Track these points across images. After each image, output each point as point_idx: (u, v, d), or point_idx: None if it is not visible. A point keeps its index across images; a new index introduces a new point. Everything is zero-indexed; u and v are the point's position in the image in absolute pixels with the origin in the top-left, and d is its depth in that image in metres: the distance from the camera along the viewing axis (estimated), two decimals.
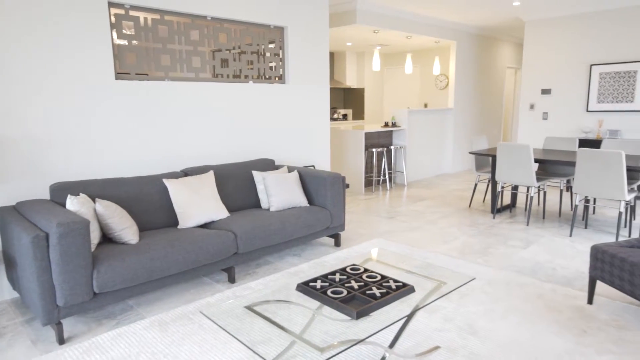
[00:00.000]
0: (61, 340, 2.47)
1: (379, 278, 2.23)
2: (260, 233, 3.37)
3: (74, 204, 2.72)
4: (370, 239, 4.34)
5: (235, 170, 3.97)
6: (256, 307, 2.08)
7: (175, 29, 3.79)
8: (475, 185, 5.71)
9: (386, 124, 7.05)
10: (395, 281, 2.19)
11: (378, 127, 6.95)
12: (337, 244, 4.11)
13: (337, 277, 2.26)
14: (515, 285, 3.19)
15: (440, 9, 6.66)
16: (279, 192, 3.81)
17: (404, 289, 2.10)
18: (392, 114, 7.29)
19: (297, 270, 3.54)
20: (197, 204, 3.39)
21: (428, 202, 5.91)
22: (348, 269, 2.37)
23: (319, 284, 2.18)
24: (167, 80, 3.80)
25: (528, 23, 7.12)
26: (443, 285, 2.26)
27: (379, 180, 7.18)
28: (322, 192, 3.94)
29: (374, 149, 6.68)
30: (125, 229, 2.86)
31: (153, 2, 3.58)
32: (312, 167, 5.06)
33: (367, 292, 2.07)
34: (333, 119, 9.44)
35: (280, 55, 4.69)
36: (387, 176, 6.89)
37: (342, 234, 4.49)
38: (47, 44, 3.09)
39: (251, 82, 4.43)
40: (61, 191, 2.96)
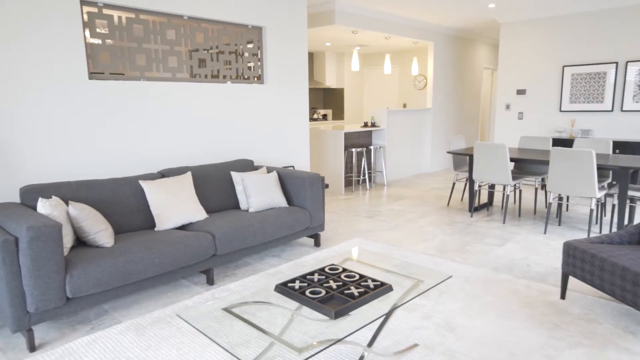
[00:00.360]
0: (32, 348, 2.40)
1: (357, 277, 2.24)
2: (239, 234, 3.35)
3: (46, 207, 2.65)
4: (350, 238, 4.36)
5: (214, 171, 3.93)
6: (235, 309, 2.06)
7: (150, 28, 3.73)
8: (453, 184, 5.79)
9: (366, 124, 7.09)
10: (373, 280, 2.21)
11: (358, 127, 6.99)
12: (317, 244, 4.11)
13: (316, 277, 2.26)
14: (491, 282, 3.24)
15: (417, 10, 6.74)
16: (258, 193, 3.79)
17: (382, 288, 2.12)
18: (371, 114, 7.33)
19: (276, 271, 3.53)
20: (175, 206, 3.34)
21: (407, 201, 5.97)
22: (327, 269, 2.37)
23: (297, 285, 2.18)
24: (142, 80, 3.73)
25: (503, 25, 7.26)
26: (421, 283, 2.28)
27: (358, 180, 7.22)
28: (301, 193, 3.93)
29: (353, 149, 6.71)
30: (100, 232, 2.80)
31: (128, 1, 3.51)
32: (291, 168, 5.05)
33: (346, 291, 2.08)
34: (313, 119, 9.45)
35: (258, 56, 4.66)
36: (366, 176, 6.93)
37: (322, 234, 4.50)
38: (15, 42, 3.00)
39: (229, 82, 4.40)
40: (32, 194, 2.88)
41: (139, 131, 3.72)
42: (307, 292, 2.09)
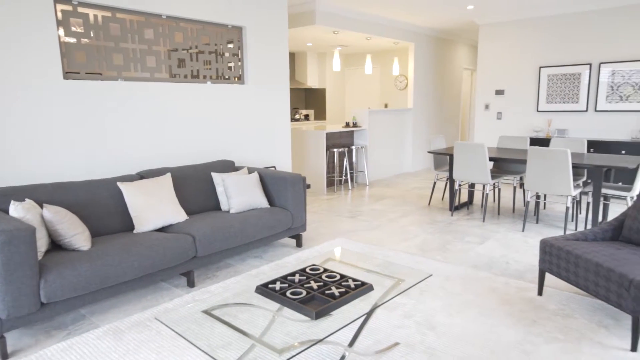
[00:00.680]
0: (4, 355, 2.33)
1: (338, 278, 2.24)
2: (219, 236, 3.32)
3: (18, 210, 2.58)
4: (332, 238, 4.37)
5: (194, 172, 3.89)
6: (215, 311, 2.04)
7: (128, 27, 3.67)
8: (434, 183, 5.85)
9: (347, 124, 7.11)
10: (354, 280, 2.21)
11: (339, 127, 7.00)
12: (299, 244, 4.10)
13: (297, 277, 2.26)
14: (471, 280, 3.29)
15: (398, 11, 6.79)
16: (239, 194, 3.76)
17: (363, 288, 2.12)
18: (353, 114, 7.36)
19: (258, 272, 3.51)
20: (154, 208, 3.29)
21: (389, 201, 6.01)
22: (308, 270, 2.37)
23: (278, 286, 2.17)
24: (120, 80, 3.67)
25: (482, 26, 7.38)
26: (402, 282, 2.30)
27: (340, 180, 7.24)
28: (283, 193, 3.92)
29: (335, 149, 6.73)
30: (76, 235, 2.74)
31: None
32: (273, 168, 5.03)
33: (327, 292, 2.08)
34: (295, 120, 9.43)
35: (239, 56, 4.63)
36: (348, 176, 6.95)
37: (304, 234, 4.49)
38: None
39: (209, 82, 4.35)
40: (4, 197, 2.79)
41: (117, 132, 3.65)
42: (288, 293, 2.08)
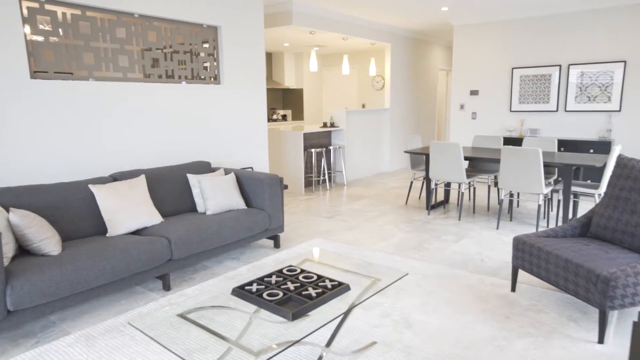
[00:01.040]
0: None
1: (315, 278, 2.24)
2: (196, 238, 3.27)
3: None
4: (310, 239, 4.36)
5: (169, 173, 3.83)
6: (191, 314, 2.01)
7: (98, 25, 3.58)
8: (411, 183, 5.92)
9: (325, 125, 7.12)
10: (331, 280, 2.21)
11: (317, 128, 7.00)
12: (277, 245, 4.08)
13: (274, 279, 2.25)
14: (447, 277, 3.34)
15: (374, 12, 6.83)
16: (215, 195, 3.72)
17: (340, 288, 2.13)
18: (330, 114, 7.37)
19: (235, 274, 3.47)
20: (128, 210, 3.23)
21: (367, 201, 6.05)
22: (284, 271, 2.36)
23: (254, 287, 2.15)
24: (91, 79, 3.58)
25: (456, 28, 7.50)
26: (378, 282, 2.31)
27: (318, 180, 7.24)
28: (260, 194, 3.90)
29: (313, 150, 6.73)
30: (46, 240, 2.66)
31: None
32: (250, 169, 4.99)
33: (303, 292, 2.08)
34: (272, 120, 9.39)
35: (214, 56, 4.58)
36: (326, 176, 6.96)
37: (282, 235, 4.48)
38: None
39: (184, 82, 4.29)
40: None
41: (89, 133, 3.56)
42: (265, 295, 2.07)
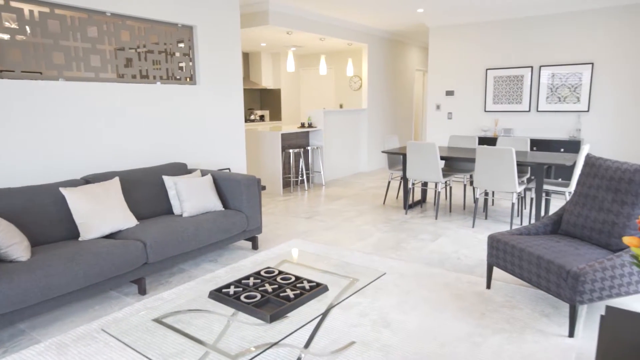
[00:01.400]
0: None
1: (293, 279, 2.24)
2: (172, 240, 3.22)
3: None
4: (288, 240, 4.35)
5: (144, 175, 3.76)
6: (168, 319, 1.98)
7: (68, 24, 3.48)
8: (389, 182, 5.97)
9: (303, 125, 7.11)
10: (309, 281, 2.21)
11: (295, 128, 6.99)
12: (255, 246, 4.06)
13: (251, 281, 2.23)
14: (424, 276, 3.38)
15: (350, 12, 6.87)
16: (191, 197, 3.67)
17: (318, 289, 2.13)
18: (308, 114, 7.37)
19: (213, 276, 3.44)
20: (101, 214, 3.15)
21: (345, 201, 6.07)
22: (262, 272, 2.34)
23: (232, 290, 2.13)
24: (62, 79, 3.48)
25: (432, 29, 7.61)
26: (356, 282, 2.32)
27: (297, 181, 7.23)
28: (237, 195, 3.86)
29: (291, 150, 6.71)
30: (13, 246, 2.57)
31: None
32: (227, 170, 4.95)
33: (281, 294, 2.07)
34: (250, 120, 9.33)
35: (190, 55, 4.52)
36: (304, 176, 6.96)
37: (260, 237, 4.45)
38: None
39: (159, 82, 4.22)
40: None
41: (60, 134, 3.46)
42: (242, 297, 2.05)
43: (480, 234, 4.51)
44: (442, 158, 5.01)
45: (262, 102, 10.12)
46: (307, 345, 2.33)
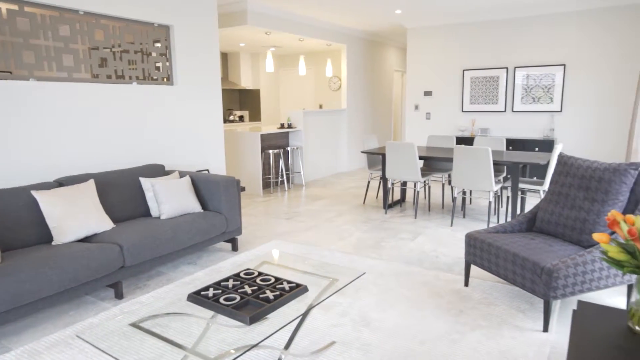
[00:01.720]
0: None
1: (272, 281, 2.23)
2: (149, 243, 3.17)
3: None
4: (268, 241, 4.33)
5: (120, 177, 3.68)
6: (145, 323, 1.95)
7: (39, 22, 3.39)
8: (369, 182, 6.01)
9: (282, 125, 7.09)
10: (288, 282, 2.21)
11: (274, 129, 6.97)
12: (235, 248, 4.03)
13: (231, 283, 2.21)
14: (403, 275, 3.41)
15: (329, 13, 6.89)
16: (169, 199, 3.62)
17: (298, 290, 2.12)
18: (288, 115, 7.36)
19: (192, 279, 3.39)
20: (75, 217, 3.07)
21: (325, 201, 6.08)
22: (242, 274, 2.33)
23: (211, 292, 2.11)
24: (32, 79, 3.38)
25: (410, 30, 7.69)
26: (336, 282, 2.33)
27: (277, 182, 7.21)
28: (216, 197, 3.83)
29: (270, 151, 6.69)
30: None
31: None
32: (206, 172, 4.89)
33: (261, 296, 2.06)
34: (229, 121, 9.25)
35: (167, 55, 4.45)
36: (284, 177, 6.94)
37: (240, 238, 4.42)
38: None
39: (135, 83, 4.14)
40: None
41: (31, 136, 3.37)
42: (222, 299, 2.03)
43: (458, 232, 4.58)
44: (420, 158, 5.07)
45: (241, 102, 10.05)
46: (287, 346, 2.33)
